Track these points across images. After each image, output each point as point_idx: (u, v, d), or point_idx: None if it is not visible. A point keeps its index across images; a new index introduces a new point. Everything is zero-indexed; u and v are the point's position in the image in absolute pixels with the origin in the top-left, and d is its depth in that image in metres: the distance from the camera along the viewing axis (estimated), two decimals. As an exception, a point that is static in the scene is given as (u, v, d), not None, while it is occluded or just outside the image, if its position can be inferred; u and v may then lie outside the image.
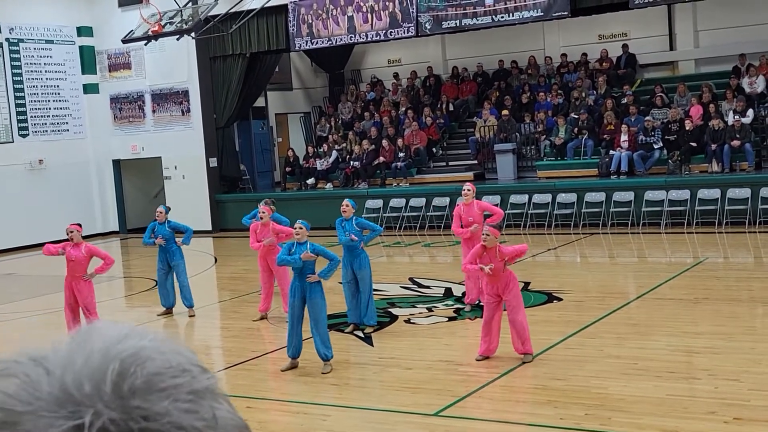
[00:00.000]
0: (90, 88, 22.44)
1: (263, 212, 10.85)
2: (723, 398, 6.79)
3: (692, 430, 6.20)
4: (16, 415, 0.67)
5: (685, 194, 16.34)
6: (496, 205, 17.43)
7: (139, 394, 0.67)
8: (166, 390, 0.68)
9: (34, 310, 12.85)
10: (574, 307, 10.60)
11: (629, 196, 16.84)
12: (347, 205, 9.97)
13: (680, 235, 15.76)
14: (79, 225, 10.07)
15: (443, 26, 18.61)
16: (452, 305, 11.08)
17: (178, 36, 19.39)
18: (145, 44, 20.24)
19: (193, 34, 19.31)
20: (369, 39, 19.63)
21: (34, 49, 21.36)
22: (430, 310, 10.91)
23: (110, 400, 0.66)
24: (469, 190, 10.47)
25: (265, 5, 19.25)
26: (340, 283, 10.05)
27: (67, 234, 9.85)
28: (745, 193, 15.85)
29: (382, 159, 20.42)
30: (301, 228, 8.39)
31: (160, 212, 11.50)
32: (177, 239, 11.53)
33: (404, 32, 18.94)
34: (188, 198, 21.27)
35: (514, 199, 17.88)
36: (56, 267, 11.43)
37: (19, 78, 21.01)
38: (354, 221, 9.87)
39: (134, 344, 0.71)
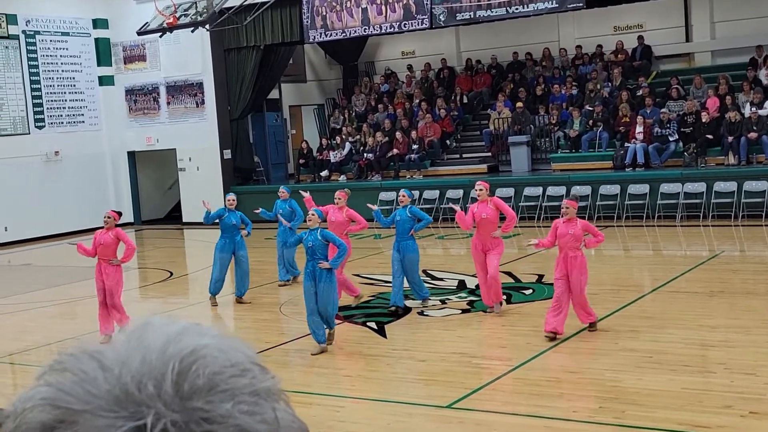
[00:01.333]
0: (105, 80, 22.53)
1: (339, 198, 10.96)
2: (739, 392, 6.75)
3: (708, 424, 6.17)
4: (74, 414, 0.64)
5: (701, 187, 16.24)
6: (509, 199, 17.40)
7: (200, 394, 0.65)
8: (228, 391, 0.66)
9: (50, 300, 12.93)
10: (588, 299, 10.55)
11: (644, 188, 16.75)
12: (404, 195, 10.65)
13: (696, 228, 15.66)
14: (119, 213, 10.42)
15: (457, 18, 18.54)
16: (465, 297, 11.06)
17: (192, 28, 19.42)
18: (160, 36, 20.29)
19: (207, 26, 19.34)
20: (383, 31, 19.59)
21: (50, 41, 21.45)
22: (443, 302, 10.90)
23: (171, 400, 0.64)
24: (482, 189, 10.17)
25: (280, -3, 19.24)
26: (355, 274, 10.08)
27: (104, 218, 10.11)
28: (762, 185, 15.73)
29: (395, 151, 20.40)
30: (313, 215, 9.01)
31: (232, 200, 11.67)
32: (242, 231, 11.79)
33: (418, 24, 18.89)
34: (202, 190, 21.29)
35: (528, 191, 17.83)
36: (72, 258, 11.51)
37: (35, 70, 21.11)
38: (408, 209, 10.44)
39: (193, 342, 0.68)
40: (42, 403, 0.65)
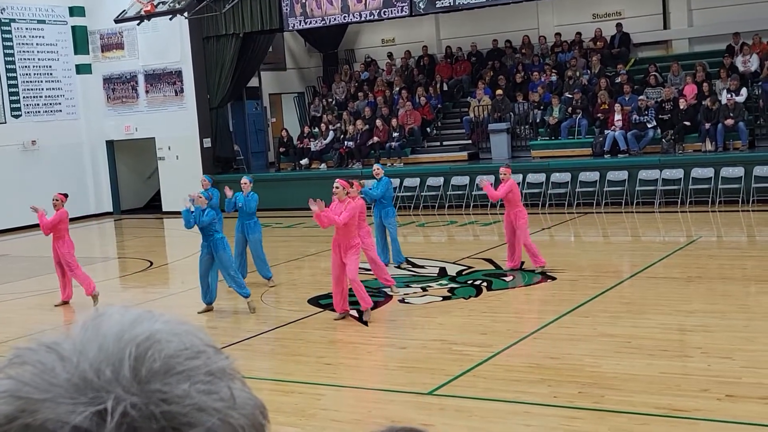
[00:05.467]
0: (83, 69, 22.32)
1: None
2: (716, 376, 6.83)
3: (685, 408, 6.24)
4: (35, 403, 0.66)
5: (678, 173, 16.37)
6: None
7: (157, 377, 0.67)
8: (184, 372, 0.69)
9: (28, 291, 12.84)
10: (567, 286, 10.64)
11: (623, 175, 16.85)
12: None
13: (674, 214, 15.80)
14: (65, 195, 11.51)
15: (437, 5, 18.52)
16: (446, 285, 11.11)
17: (170, 16, 19.29)
18: (138, 24, 20.14)
19: (186, 14, 19.22)
20: (363, 19, 19.53)
21: (26, 29, 21.22)
22: (424, 289, 10.93)
23: (129, 384, 0.66)
24: (338, 188, 10.25)
25: (258, -16, 19.12)
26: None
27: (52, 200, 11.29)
28: (738, 171, 15.88)
29: (376, 139, 20.38)
30: (200, 197, 10.16)
31: (245, 183, 11.78)
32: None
33: (398, 12, 18.85)
34: (182, 179, 21.22)
35: (509, 178, 17.85)
36: (50, 249, 11.46)
37: (11, 58, 20.88)
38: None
39: (148, 328, 0.70)
40: (3, 396, 0.67)
